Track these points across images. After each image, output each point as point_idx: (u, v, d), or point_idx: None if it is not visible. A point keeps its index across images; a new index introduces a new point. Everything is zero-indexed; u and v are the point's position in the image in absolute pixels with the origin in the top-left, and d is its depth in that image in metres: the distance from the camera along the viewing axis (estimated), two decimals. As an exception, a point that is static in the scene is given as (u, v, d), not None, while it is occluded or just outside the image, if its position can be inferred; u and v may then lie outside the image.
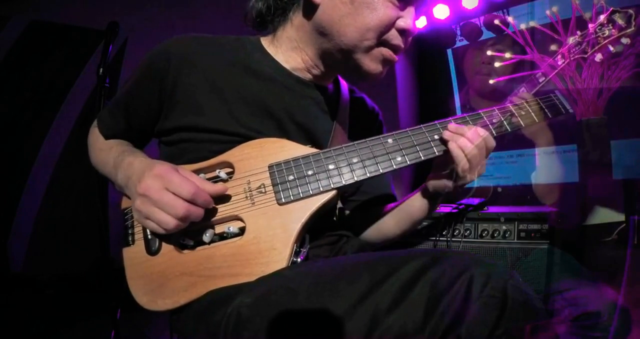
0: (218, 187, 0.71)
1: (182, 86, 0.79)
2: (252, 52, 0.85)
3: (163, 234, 0.69)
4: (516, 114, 0.80)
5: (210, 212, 0.73)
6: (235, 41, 0.86)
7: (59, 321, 2.19)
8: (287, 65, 0.85)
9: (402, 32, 0.79)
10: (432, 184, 0.85)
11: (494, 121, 0.79)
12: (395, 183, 1.07)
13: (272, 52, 0.86)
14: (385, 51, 0.80)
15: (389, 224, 0.96)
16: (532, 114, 0.80)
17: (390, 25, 0.77)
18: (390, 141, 0.76)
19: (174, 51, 0.80)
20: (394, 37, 0.79)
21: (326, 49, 0.82)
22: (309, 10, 0.80)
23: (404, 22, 0.78)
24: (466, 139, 0.74)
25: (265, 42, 0.88)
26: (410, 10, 0.79)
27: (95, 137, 0.91)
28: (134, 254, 0.75)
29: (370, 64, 0.80)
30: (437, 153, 0.76)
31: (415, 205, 0.91)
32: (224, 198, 0.74)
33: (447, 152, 0.76)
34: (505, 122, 0.79)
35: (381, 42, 0.79)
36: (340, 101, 0.94)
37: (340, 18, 0.76)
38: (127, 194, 0.76)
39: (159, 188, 0.66)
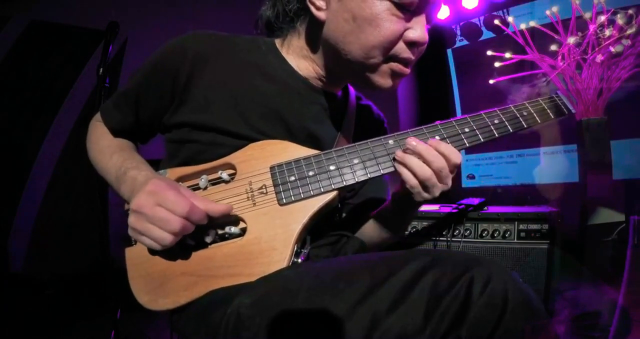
0: (219, 207, 0.70)
1: (195, 82, 0.79)
2: (266, 54, 0.85)
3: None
4: (518, 115, 0.79)
5: None
6: (250, 42, 0.86)
7: (59, 321, 2.19)
8: (298, 71, 0.85)
9: (412, 43, 0.75)
10: (397, 197, 0.85)
11: (495, 121, 0.78)
12: (394, 185, 1.06)
13: (285, 56, 0.86)
14: (395, 66, 0.76)
15: (369, 231, 0.95)
16: (535, 115, 0.79)
17: (396, 40, 0.73)
18: (391, 142, 0.75)
19: (190, 46, 0.79)
20: (402, 51, 0.75)
21: (334, 64, 0.81)
22: (315, 26, 0.79)
23: (413, 33, 0.73)
24: (417, 159, 0.70)
25: (278, 44, 0.87)
26: (419, 20, 0.74)
27: (98, 134, 0.89)
28: (135, 254, 0.75)
29: (380, 79, 0.78)
30: None
31: (388, 216, 0.91)
32: (225, 199, 0.74)
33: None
34: (507, 123, 0.78)
35: (389, 57, 0.75)
36: (348, 108, 0.94)
37: (344, 36, 0.74)
38: None
39: (152, 204, 0.65)
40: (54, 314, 2.30)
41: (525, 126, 0.78)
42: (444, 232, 1.47)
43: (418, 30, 0.74)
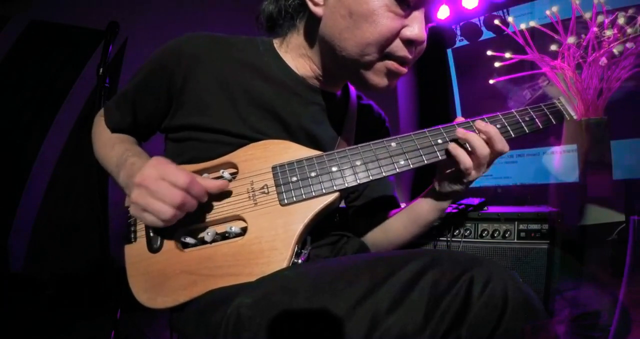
0: (216, 183, 0.71)
1: (191, 84, 0.79)
2: (263, 54, 0.84)
3: (161, 228, 0.69)
4: (520, 120, 0.78)
5: (213, 211, 0.73)
6: (247, 42, 0.85)
7: (59, 321, 2.19)
8: (296, 71, 0.85)
9: (409, 42, 0.73)
10: (441, 186, 0.83)
11: (497, 126, 0.77)
12: (398, 186, 1.06)
13: (283, 56, 0.85)
14: (391, 64, 0.75)
15: (397, 228, 0.94)
16: (536, 120, 0.79)
17: (393, 37, 0.72)
18: (393, 144, 0.75)
19: (185, 49, 0.79)
20: (398, 48, 0.73)
21: (330, 62, 0.81)
22: (313, 22, 0.79)
23: (410, 31, 0.72)
24: (480, 139, 0.73)
25: (276, 44, 0.87)
26: (416, 17, 0.72)
27: (101, 129, 0.90)
28: (135, 252, 0.75)
29: (375, 78, 0.76)
30: (440, 157, 0.75)
31: (424, 208, 0.89)
32: (226, 198, 0.74)
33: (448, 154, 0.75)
34: (509, 128, 0.78)
35: (385, 55, 0.74)
36: (348, 108, 0.94)
37: (340, 32, 0.73)
38: (127, 193, 0.76)
39: (155, 177, 0.66)
40: (54, 314, 2.30)
41: (527, 131, 0.78)
42: (443, 232, 1.47)
43: (415, 28, 0.72)
